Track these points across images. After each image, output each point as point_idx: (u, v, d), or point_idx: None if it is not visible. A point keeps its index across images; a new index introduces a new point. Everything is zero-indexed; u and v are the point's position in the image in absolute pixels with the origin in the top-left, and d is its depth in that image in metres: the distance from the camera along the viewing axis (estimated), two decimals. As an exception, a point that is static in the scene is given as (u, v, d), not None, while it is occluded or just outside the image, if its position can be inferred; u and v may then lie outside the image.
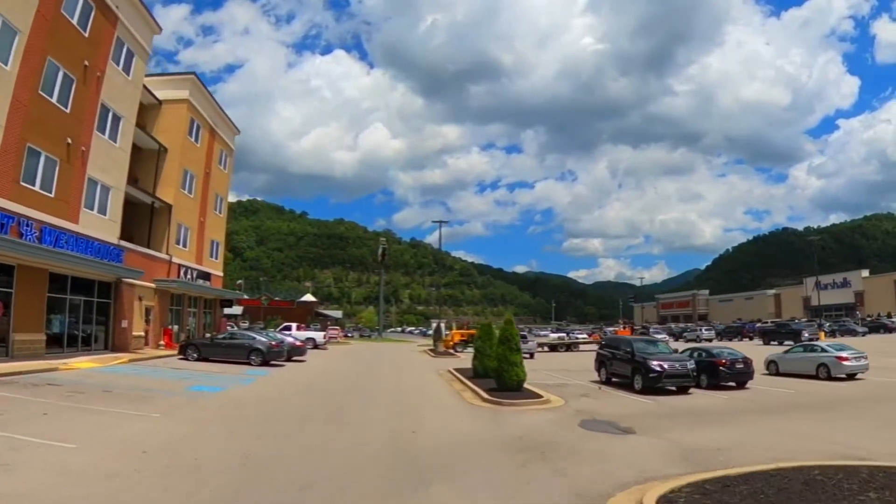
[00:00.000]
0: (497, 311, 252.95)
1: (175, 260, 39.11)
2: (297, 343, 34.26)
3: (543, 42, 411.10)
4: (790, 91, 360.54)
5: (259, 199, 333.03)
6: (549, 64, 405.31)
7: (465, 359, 42.52)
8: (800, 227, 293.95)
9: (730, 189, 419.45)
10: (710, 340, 73.67)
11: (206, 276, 44.51)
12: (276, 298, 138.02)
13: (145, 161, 39.45)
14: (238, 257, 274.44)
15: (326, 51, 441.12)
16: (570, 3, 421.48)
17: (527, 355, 44.94)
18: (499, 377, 21.11)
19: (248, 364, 28.85)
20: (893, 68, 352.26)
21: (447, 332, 55.20)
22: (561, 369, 33.00)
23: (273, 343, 29.85)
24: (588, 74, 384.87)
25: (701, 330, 78.89)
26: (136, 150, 38.87)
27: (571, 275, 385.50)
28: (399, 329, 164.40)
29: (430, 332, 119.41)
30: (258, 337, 30.29)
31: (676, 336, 79.12)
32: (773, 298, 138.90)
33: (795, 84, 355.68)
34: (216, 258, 47.51)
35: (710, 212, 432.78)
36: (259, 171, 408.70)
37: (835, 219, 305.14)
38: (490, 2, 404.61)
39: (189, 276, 41.14)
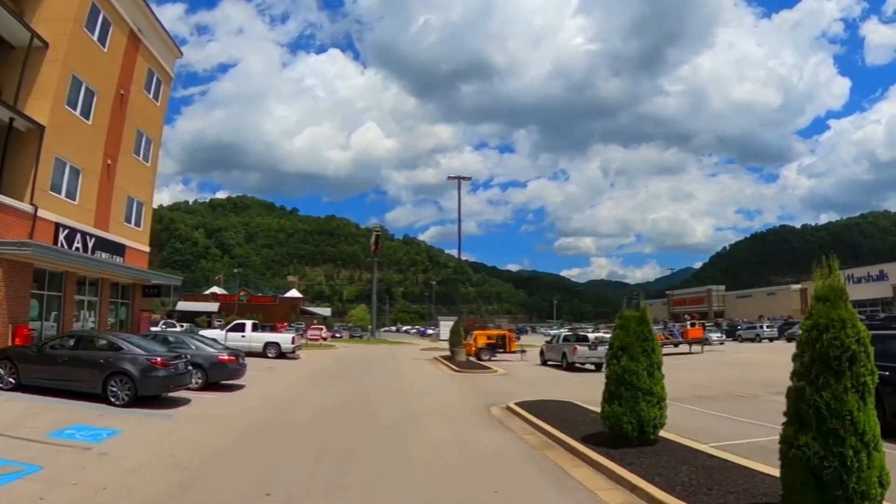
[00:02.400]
0: (492, 310, 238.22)
1: (46, 215, 23.20)
2: (222, 357, 17.94)
3: (536, 42, 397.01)
4: (781, 92, 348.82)
5: (249, 195, 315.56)
6: (541, 64, 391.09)
7: (506, 375, 27.20)
8: (797, 224, 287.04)
9: (721, 189, 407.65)
10: (771, 340, 59.22)
11: (114, 247, 28.63)
12: (259, 294, 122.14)
13: (14, 64, 23.82)
14: (226, 254, 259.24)
15: (320, 50, 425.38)
16: (562, 4, 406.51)
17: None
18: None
19: (105, 401, 13.26)
20: (883, 70, 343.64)
21: (469, 335, 39.87)
22: (692, 396, 17.76)
23: (157, 360, 13.82)
24: (580, 75, 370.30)
25: (762, 326, 64.01)
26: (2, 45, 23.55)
27: (564, 273, 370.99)
28: (393, 328, 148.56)
29: (432, 331, 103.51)
30: (130, 345, 14.24)
31: (730, 334, 64.44)
32: (798, 293, 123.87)
33: (787, 85, 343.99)
34: (137, 224, 31.56)
35: (702, 211, 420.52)
36: (251, 169, 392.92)
37: (826, 218, 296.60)
38: (482, 2, 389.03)
39: (78, 244, 25.33)
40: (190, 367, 15.18)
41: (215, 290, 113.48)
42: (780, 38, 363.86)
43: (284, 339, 34.08)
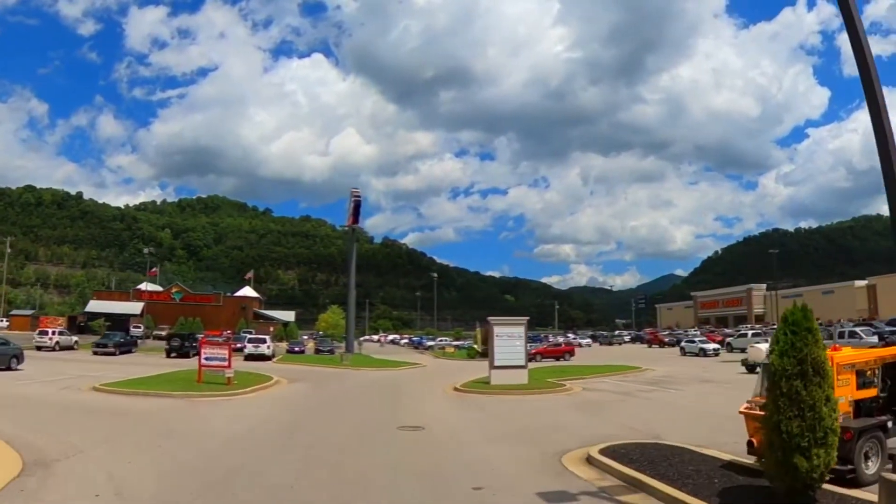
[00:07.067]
0: (480, 316, 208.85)
1: None
2: None
3: (516, 50, 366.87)
4: (760, 101, 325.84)
5: (220, 195, 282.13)
6: (520, 71, 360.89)
7: None
8: (790, 227, 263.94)
9: (700, 196, 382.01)
10: None
11: None
12: (198, 293, 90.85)
13: None
14: (193, 256, 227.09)
15: (302, 56, 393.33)
16: (542, 12, 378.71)
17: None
18: None
19: None
20: (859, 81, 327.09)
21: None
22: None
23: None
24: (559, 82, 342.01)
25: None
26: None
27: (544, 280, 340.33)
28: (375, 337, 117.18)
29: (432, 342, 72.65)
30: None
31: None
32: (864, 290, 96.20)
33: (765, 94, 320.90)
34: None
35: (681, 218, 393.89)
36: (227, 174, 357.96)
37: (804, 225, 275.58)
38: (462, 10, 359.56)
39: None
40: None
41: (144, 286, 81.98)
42: (759, 48, 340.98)
43: None
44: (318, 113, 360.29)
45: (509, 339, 22.92)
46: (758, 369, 23.05)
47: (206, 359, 21.43)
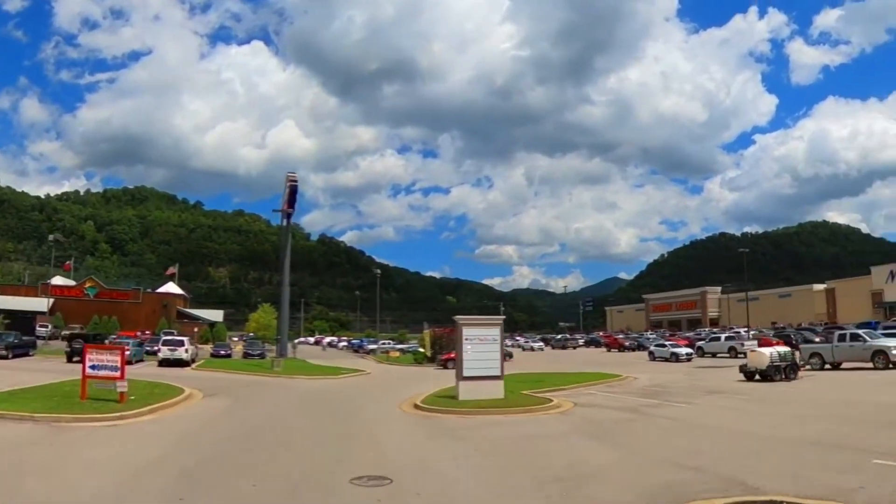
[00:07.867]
0: (420, 317, 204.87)
1: None
2: None
3: (462, 45, 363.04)
4: (708, 106, 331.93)
5: (148, 186, 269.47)
6: (466, 67, 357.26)
7: None
8: (737, 232, 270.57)
9: (646, 199, 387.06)
10: None
11: None
12: (115, 289, 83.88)
13: None
14: (118, 251, 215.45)
15: (241, 43, 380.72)
16: (491, 8, 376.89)
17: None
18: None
19: None
20: (807, 89, 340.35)
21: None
22: None
23: None
24: (505, 80, 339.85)
25: None
26: None
27: (486, 281, 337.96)
28: (311, 339, 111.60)
29: (374, 346, 68.22)
30: None
31: None
32: (823, 294, 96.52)
33: (714, 100, 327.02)
34: None
35: (626, 221, 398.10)
36: (157, 165, 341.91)
37: (748, 230, 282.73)
38: (409, 2, 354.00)
39: None
40: None
41: (56, 281, 74.90)
42: (709, 54, 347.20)
43: None
44: (256, 103, 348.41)
45: (482, 343, 18.93)
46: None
47: (92, 367, 16.62)
